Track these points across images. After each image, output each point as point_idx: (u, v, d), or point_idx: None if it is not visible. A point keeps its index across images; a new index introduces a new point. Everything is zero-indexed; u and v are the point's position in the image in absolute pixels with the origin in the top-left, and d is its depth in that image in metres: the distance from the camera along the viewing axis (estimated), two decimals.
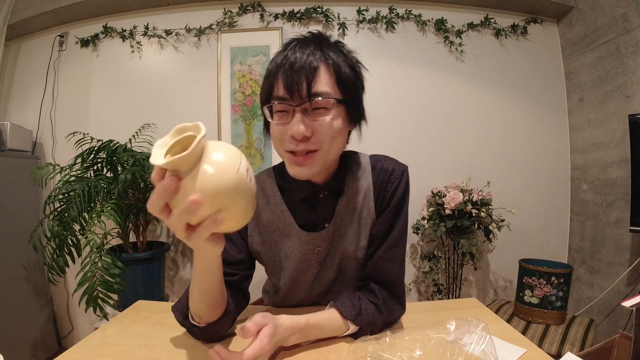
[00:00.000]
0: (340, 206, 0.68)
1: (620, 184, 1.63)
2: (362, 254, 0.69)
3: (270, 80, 0.60)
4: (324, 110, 0.58)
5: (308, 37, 0.62)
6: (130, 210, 1.65)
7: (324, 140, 0.59)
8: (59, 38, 2.04)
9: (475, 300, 0.81)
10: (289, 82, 0.56)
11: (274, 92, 0.59)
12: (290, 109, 0.58)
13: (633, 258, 1.54)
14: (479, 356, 0.52)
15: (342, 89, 0.60)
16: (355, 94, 0.63)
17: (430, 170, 1.95)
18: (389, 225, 0.68)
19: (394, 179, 0.70)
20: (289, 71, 0.56)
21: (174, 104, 2.00)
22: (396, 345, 0.53)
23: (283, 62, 0.58)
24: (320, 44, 0.60)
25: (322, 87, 0.57)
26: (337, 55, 0.60)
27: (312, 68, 0.56)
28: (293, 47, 0.59)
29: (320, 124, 0.58)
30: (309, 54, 0.57)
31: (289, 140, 0.58)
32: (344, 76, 0.60)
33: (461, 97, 1.98)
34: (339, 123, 0.60)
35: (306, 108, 0.58)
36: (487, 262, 1.99)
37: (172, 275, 2.03)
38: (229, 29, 1.97)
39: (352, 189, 0.69)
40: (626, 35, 1.59)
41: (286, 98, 0.57)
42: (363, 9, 1.91)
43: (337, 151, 0.64)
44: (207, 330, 0.58)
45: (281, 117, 0.59)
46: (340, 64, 0.60)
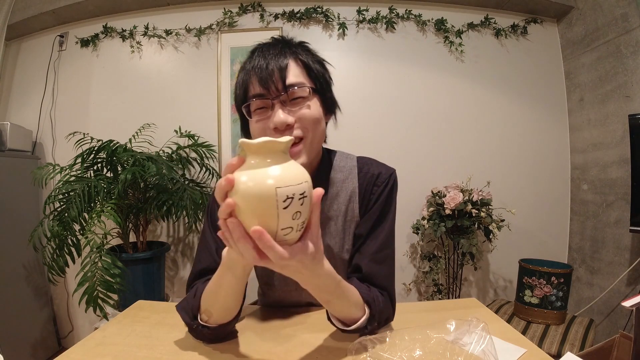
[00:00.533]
0: (323, 205, 0.68)
1: (620, 184, 1.63)
2: (348, 256, 0.69)
3: (244, 84, 0.62)
4: (302, 99, 0.61)
5: (272, 41, 0.65)
6: (130, 210, 1.65)
7: (308, 127, 0.61)
8: (59, 38, 2.04)
9: (475, 300, 0.81)
10: (263, 78, 0.58)
11: (249, 93, 0.61)
12: (269, 104, 0.60)
13: (633, 258, 1.54)
14: (479, 356, 0.52)
15: (313, 80, 0.63)
16: (326, 84, 0.66)
17: (430, 170, 1.95)
18: (372, 225, 0.68)
19: (380, 182, 0.70)
20: (262, 69, 0.59)
21: (174, 104, 2.00)
22: (396, 345, 0.53)
23: (254, 65, 0.60)
24: (286, 44, 0.63)
25: (295, 78, 0.60)
26: (304, 52, 0.64)
27: (283, 63, 0.59)
28: (260, 50, 0.62)
29: (302, 112, 0.60)
30: (278, 53, 0.60)
31: (272, 133, 0.59)
32: (313, 68, 0.63)
33: (461, 97, 1.98)
34: (318, 110, 0.63)
35: (284, 100, 0.60)
36: (487, 262, 1.99)
37: (172, 275, 2.03)
38: (229, 29, 1.97)
39: (337, 189, 0.70)
40: (626, 35, 1.59)
41: (263, 94, 0.59)
42: (363, 9, 1.91)
43: (320, 140, 0.65)
44: (217, 330, 0.57)
45: (260, 114, 0.61)
46: (308, 59, 0.63)
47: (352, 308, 0.57)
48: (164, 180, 1.65)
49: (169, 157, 1.81)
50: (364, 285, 0.62)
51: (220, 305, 0.56)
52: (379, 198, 0.69)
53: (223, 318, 0.57)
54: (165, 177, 1.58)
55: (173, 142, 1.91)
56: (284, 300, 0.75)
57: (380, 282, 0.64)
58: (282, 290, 0.74)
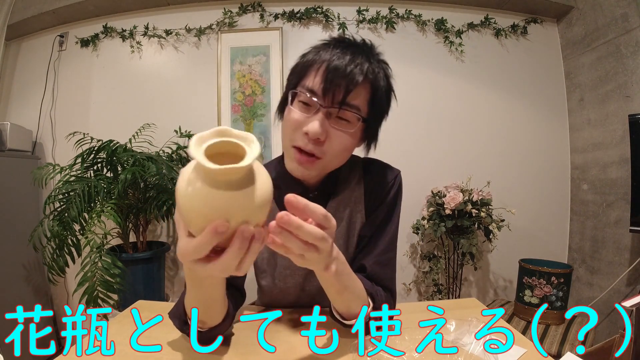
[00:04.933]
0: (329, 209, 0.66)
1: (620, 184, 1.63)
2: (351, 258, 0.68)
3: (307, 66, 0.59)
4: (346, 123, 0.58)
5: (360, 44, 0.61)
6: (130, 210, 1.65)
7: (329, 152, 0.58)
8: (59, 38, 2.04)
9: (475, 300, 0.81)
10: (328, 81, 0.55)
11: (306, 82, 0.58)
12: (316, 106, 0.57)
13: (633, 258, 1.54)
14: (479, 356, 0.52)
15: (371, 109, 0.60)
16: (379, 118, 0.63)
17: (430, 170, 1.95)
18: (377, 226, 0.67)
19: (386, 184, 0.69)
20: (333, 71, 0.55)
21: (174, 104, 2.00)
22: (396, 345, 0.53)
23: (329, 59, 0.56)
24: (369, 57, 0.59)
25: (356, 100, 0.57)
26: (379, 75, 0.60)
27: (355, 79, 0.55)
28: (344, 47, 0.58)
29: (336, 135, 0.57)
30: (358, 64, 0.56)
31: (302, 135, 0.57)
32: (378, 98, 0.60)
33: (461, 97, 1.98)
34: (352, 141, 0.60)
35: (331, 112, 0.57)
36: (487, 262, 1.99)
37: (172, 275, 2.03)
38: (229, 29, 1.97)
39: (343, 192, 0.69)
40: (626, 35, 1.59)
41: (318, 94, 0.56)
42: (363, 9, 1.91)
43: (336, 165, 0.63)
44: (208, 334, 0.56)
45: (302, 108, 0.58)
46: (379, 85, 0.60)
47: (358, 301, 0.56)
48: (164, 180, 1.64)
49: (169, 157, 1.81)
50: (367, 280, 0.61)
51: (205, 310, 0.53)
52: (384, 200, 0.68)
53: (211, 321, 0.54)
54: (165, 177, 1.58)
55: (173, 142, 1.91)
56: (282, 301, 0.74)
57: (383, 284, 0.65)
58: (280, 291, 0.73)
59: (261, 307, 0.77)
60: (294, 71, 0.62)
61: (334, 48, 0.58)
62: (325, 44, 0.61)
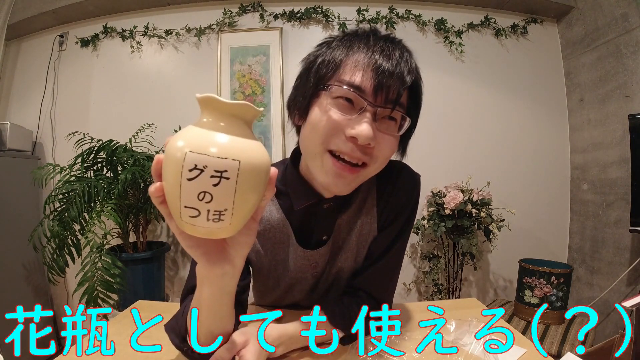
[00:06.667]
0: (341, 220, 0.63)
1: (620, 184, 1.63)
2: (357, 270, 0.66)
3: (346, 53, 0.50)
4: (394, 124, 0.51)
5: (392, 37, 0.54)
6: (130, 210, 1.65)
7: (380, 158, 0.51)
8: (59, 38, 2.03)
9: (475, 300, 0.81)
10: (379, 78, 0.47)
11: (345, 77, 0.48)
12: (362, 105, 0.48)
13: (633, 258, 1.54)
14: (479, 356, 0.52)
15: (414, 109, 0.54)
16: (414, 127, 0.57)
17: (430, 170, 1.94)
18: (390, 242, 0.64)
19: (404, 192, 0.63)
20: (382, 67, 0.47)
21: (174, 104, 2.00)
22: (396, 345, 0.53)
23: (372, 54, 0.48)
24: (408, 52, 0.54)
25: (404, 99, 0.51)
26: (419, 79, 0.55)
27: (407, 78, 0.49)
28: (382, 41, 0.51)
29: (384, 139, 0.50)
30: (406, 60, 0.50)
31: (345, 140, 0.48)
32: (420, 97, 0.55)
33: (461, 97, 1.97)
34: (394, 149, 0.53)
35: (379, 114, 0.49)
36: (487, 262, 1.98)
37: (172, 275, 2.03)
38: (229, 29, 1.97)
39: (356, 202, 0.63)
40: (626, 35, 1.59)
41: (366, 91, 0.48)
42: (363, 9, 1.91)
43: (373, 173, 0.55)
44: (207, 357, 0.48)
45: (340, 106, 0.49)
46: (420, 84, 0.55)
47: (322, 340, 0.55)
48: None
49: None
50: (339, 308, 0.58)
51: (205, 328, 0.47)
52: (401, 212, 0.63)
53: (219, 328, 0.49)
54: None
55: None
56: (281, 303, 0.73)
57: (384, 298, 0.64)
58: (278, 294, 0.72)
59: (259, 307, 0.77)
60: (322, 64, 0.51)
61: (379, 41, 0.50)
62: (353, 35, 0.52)
